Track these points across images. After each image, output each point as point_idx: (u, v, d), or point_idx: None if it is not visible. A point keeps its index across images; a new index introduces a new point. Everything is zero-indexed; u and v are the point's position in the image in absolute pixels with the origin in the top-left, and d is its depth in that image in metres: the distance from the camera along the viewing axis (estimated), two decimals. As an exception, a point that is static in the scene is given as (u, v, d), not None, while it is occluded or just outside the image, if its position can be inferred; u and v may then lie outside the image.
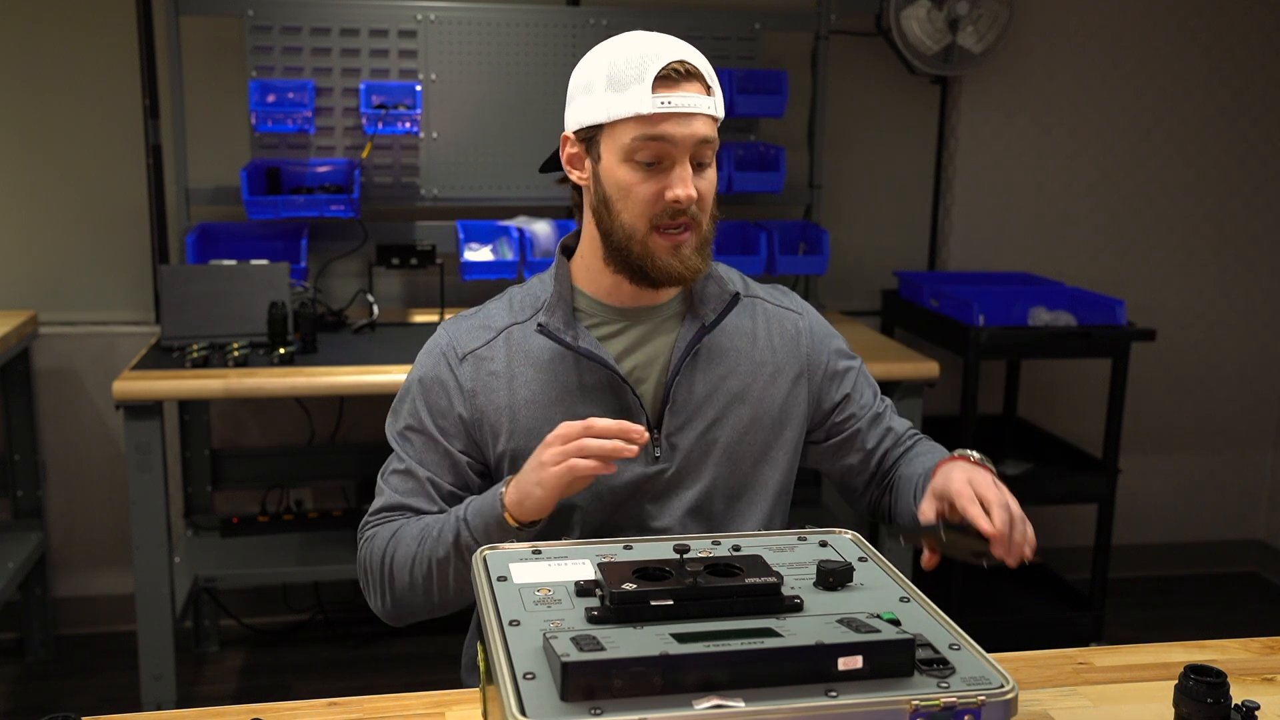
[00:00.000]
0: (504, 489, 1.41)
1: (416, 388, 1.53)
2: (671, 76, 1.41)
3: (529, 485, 1.37)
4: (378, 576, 1.51)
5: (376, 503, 1.54)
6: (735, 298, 1.56)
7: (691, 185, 1.43)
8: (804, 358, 1.60)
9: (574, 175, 1.51)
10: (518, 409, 1.49)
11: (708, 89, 1.44)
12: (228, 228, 3.22)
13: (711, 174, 1.48)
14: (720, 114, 1.46)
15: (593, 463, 1.34)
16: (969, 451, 1.46)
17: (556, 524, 1.50)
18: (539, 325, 1.50)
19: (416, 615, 1.53)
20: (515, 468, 1.49)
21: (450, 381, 1.51)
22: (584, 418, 1.47)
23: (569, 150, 1.51)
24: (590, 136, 1.46)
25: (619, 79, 1.42)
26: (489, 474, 1.54)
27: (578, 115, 1.47)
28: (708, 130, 1.44)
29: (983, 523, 1.31)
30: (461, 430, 1.51)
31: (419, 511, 1.51)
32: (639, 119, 1.41)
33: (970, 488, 1.35)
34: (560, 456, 1.34)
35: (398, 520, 1.51)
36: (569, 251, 1.57)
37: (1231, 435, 4.03)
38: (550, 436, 1.37)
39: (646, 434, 1.35)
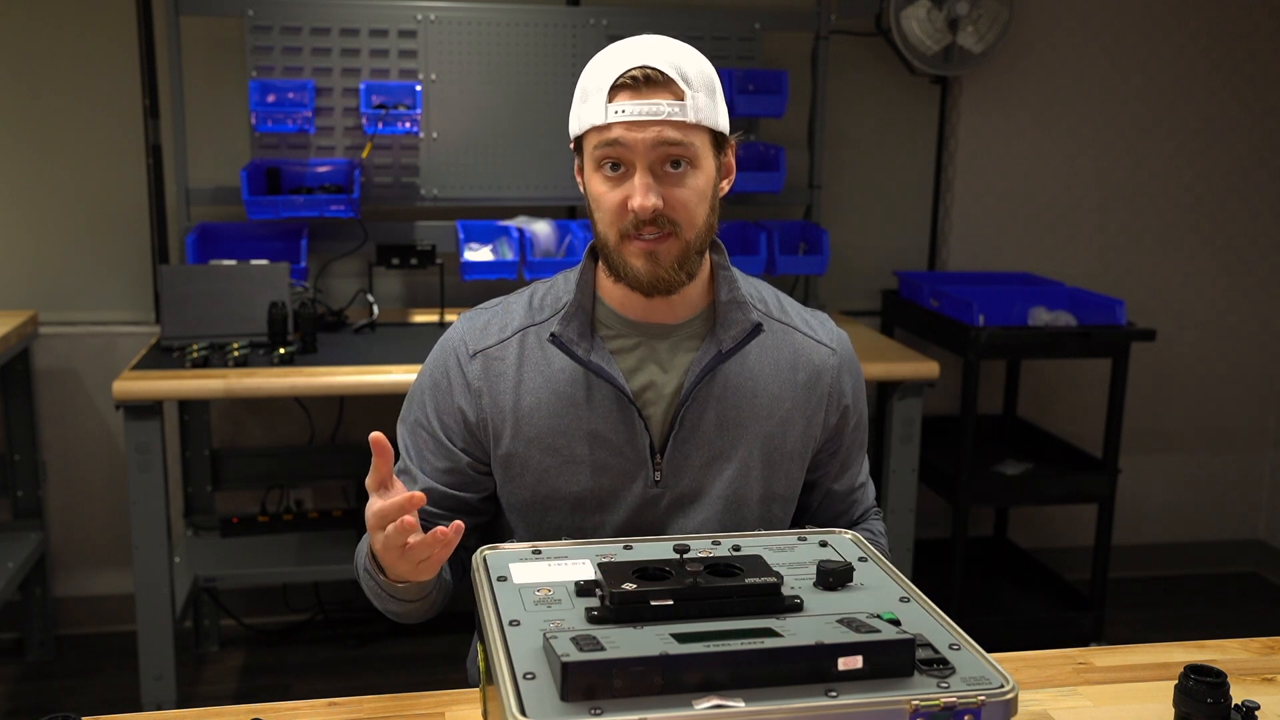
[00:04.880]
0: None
1: (426, 383, 1.53)
2: (629, 85, 1.37)
3: (391, 563, 1.31)
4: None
5: None
6: (756, 328, 1.48)
7: (651, 194, 1.37)
8: (824, 396, 1.54)
9: (579, 183, 1.50)
10: (521, 415, 1.47)
11: (678, 94, 1.38)
12: (228, 228, 3.22)
13: (694, 181, 1.40)
14: (696, 118, 1.39)
15: (411, 566, 1.27)
16: None
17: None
18: (552, 334, 1.47)
19: (393, 619, 1.51)
20: (513, 472, 1.49)
21: (458, 379, 1.50)
22: (588, 431, 1.46)
23: (575, 160, 1.50)
24: (577, 148, 1.47)
25: (586, 90, 1.42)
26: (491, 474, 1.53)
27: (569, 127, 1.47)
28: (673, 134, 1.37)
29: None
30: (463, 429, 1.50)
31: None
32: (595, 129, 1.40)
33: None
34: (379, 539, 1.26)
35: None
36: (597, 255, 1.53)
37: (1231, 435, 4.03)
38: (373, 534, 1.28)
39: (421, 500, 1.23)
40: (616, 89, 1.38)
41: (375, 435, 1.24)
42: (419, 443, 1.52)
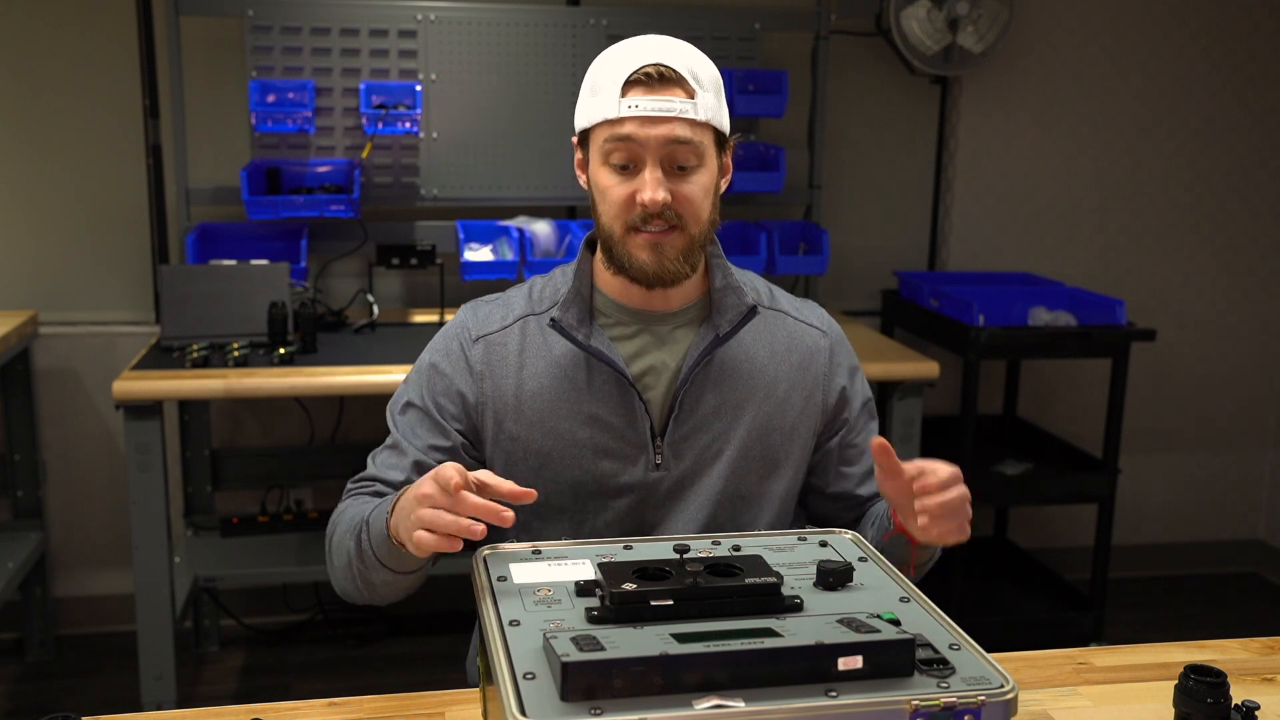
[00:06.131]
0: (393, 503, 1.32)
1: (427, 367, 1.54)
2: (643, 81, 1.40)
3: (403, 521, 1.27)
4: (326, 548, 1.48)
5: (361, 473, 1.53)
6: (752, 311, 1.52)
7: (661, 189, 1.40)
8: (818, 377, 1.57)
9: (580, 178, 1.52)
10: (524, 399, 1.49)
11: (690, 93, 1.41)
12: (228, 228, 3.22)
13: (700, 178, 1.44)
14: (706, 116, 1.42)
15: (434, 538, 1.21)
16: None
17: (554, 529, 1.50)
18: (552, 320, 1.49)
19: (352, 598, 1.47)
20: (515, 458, 1.49)
21: (460, 362, 1.51)
22: (589, 415, 1.48)
23: (577, 155, 1.52)
24: (583, 140, 1.49)
25: (598, 85, 1.44)
26: (484, 463, 1.53)
27: (575, 121, 1.50)
28: (684, 132, 1.40)
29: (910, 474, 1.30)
30: (462, 412, 1.51)
31: (394, 486, 1.46)
32: (608, 123, 1.42)
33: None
34: (424, 523, 1.21)
35: (363, 494, 1.49)
36: (593, 247, 1.56)
37: (1231, 435, 4.03)
38: (430, 482, 1.23)
39: (512, 518, 1.20)
40: (630, 84, 1.41)
41: (528, 490, 1.25)
42: (410, 419, 1.52)
